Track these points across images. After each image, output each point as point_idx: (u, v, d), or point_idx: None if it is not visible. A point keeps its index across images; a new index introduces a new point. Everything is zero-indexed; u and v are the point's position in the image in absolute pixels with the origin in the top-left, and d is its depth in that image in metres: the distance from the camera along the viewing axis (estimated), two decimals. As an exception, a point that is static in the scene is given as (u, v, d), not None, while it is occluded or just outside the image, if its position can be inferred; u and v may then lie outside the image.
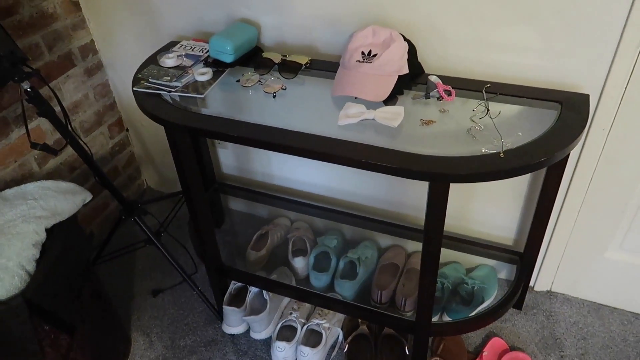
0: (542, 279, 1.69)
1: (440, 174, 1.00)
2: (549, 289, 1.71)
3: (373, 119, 1.14)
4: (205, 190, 1.90)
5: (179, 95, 1.30)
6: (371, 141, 1.09)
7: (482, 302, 1.56)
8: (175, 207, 1.82)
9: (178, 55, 1.40)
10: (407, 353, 1.51)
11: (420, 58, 1.33)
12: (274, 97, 1.27)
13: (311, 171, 1.77)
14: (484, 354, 1.51)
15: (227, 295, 1.64)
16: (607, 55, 1.19)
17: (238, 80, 1.34)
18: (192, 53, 1.43)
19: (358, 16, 1.36)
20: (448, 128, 1.12)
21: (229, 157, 1.90)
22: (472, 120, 1.13)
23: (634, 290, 1.58)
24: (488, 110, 1.16)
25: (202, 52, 1.43)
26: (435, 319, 1.53)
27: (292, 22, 1.45)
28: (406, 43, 1.25)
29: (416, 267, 1.66)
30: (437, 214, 1.10)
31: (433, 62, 1.36)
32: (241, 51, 1.39)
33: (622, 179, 1.39)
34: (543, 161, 1.01)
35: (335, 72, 1.28)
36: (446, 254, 1.73)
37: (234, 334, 1.64)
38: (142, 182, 2.24)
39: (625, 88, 1.23)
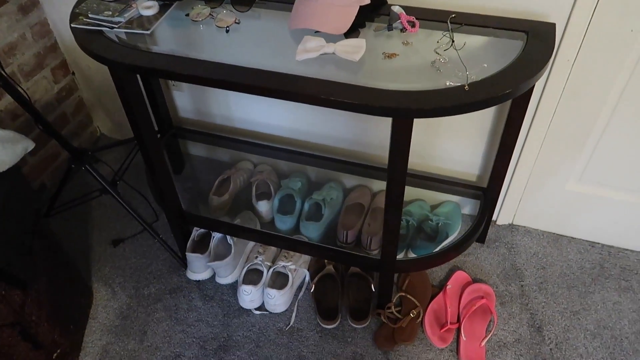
0: (504, 213, 1.71)
1: (404, 109, 0.96)
2: (510, 222, 1.75)
3: (333, 53, 1.08)
4: (161, 136, 1.82)
5: (124, 32, 1.19)
6: (332, 76, 1.03)
7: (447, 237, 1.58)
8: (130, 154, 1.73)
9: (119, -13, 1.28)
10: (373, 290, 1.53)
11: (382, -13, 1.26)
12: (227, 31, 1.19)
13: (272, 112, 1.71)
14: (447, 287, 1.55)
15: (190, 242, 1.60)
16: (574, -19, 1.15)
17: (187, 14, 1.24)
18: (136, -16, 1.31)
19: (315, -59, 1.26)
20: (412, 61, 1.07)
21: (185, 100, 1.80)
22: (437, 53, 1.09)
23: (591, 220, 1.63)
24: (453, 41, 1.11)
25: (147, -17, 1.31)
26: (400, 256, 1.55)
27: (244, -52, 1.34)
28: (367, -30, 1.17)
29: (381, 206, 1.66)
30: (401, 150, 1.07)
31: (396, -9, 1.28)
32: (189, -18, 1.29)
33: (584, 111, 1.38)
34: (508, 93, 0.98)
35: (292, 3, 1.20)
36: (411, 192, 1.73)
37: (199, 280, 1.63)
38: (95, 129, 2.12)
39: (591, 17, 1.20)
